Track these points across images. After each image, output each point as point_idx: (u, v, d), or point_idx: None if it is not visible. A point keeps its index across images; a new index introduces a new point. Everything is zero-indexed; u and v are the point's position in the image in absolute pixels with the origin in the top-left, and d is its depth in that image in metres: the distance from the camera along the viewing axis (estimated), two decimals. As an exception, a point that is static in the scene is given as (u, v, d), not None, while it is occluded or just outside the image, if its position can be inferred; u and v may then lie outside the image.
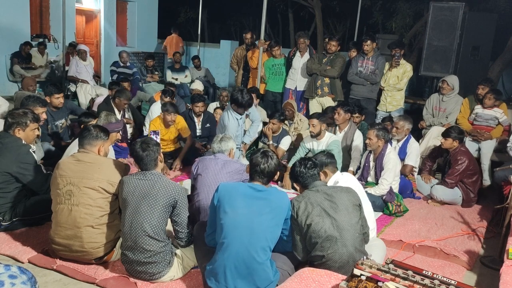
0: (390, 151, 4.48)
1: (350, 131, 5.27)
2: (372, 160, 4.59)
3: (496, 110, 5.45)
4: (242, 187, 2.67)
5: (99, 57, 11.48)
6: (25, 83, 6.22)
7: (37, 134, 3.69)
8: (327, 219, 2.67)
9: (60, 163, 3.06)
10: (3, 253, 3.10)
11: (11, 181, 3.38)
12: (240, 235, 2.50)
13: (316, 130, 4.90)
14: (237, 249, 2.48)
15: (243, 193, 2.62)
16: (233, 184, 2.75)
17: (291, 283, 2.28)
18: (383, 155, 4.44)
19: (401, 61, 6.17)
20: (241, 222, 2.52)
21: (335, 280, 2.20)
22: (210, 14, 16.86)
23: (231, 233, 2.51)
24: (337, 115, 5.22)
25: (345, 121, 5.28)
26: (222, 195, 2.62)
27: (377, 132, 4.40)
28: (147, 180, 2.83)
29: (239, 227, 2.51)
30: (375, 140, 4.41)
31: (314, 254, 2.66)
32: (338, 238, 2.62)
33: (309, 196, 2.78)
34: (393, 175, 4.39)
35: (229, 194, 2.62)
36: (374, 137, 4.41)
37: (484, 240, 3.96)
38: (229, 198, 2.60)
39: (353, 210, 2.77)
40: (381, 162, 4.44)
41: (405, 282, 1.95)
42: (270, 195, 2.65)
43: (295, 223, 2.74)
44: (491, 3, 9.16)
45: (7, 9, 8.92)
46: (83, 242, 2.88)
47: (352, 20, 13.49)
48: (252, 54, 7.13)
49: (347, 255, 2.59)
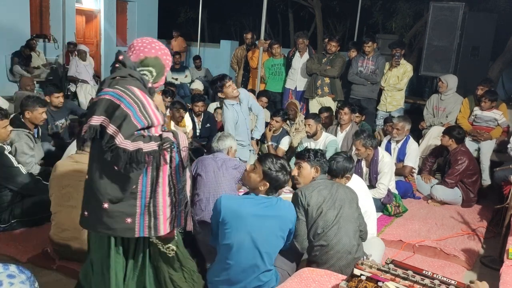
0: (383, 155, 4.41)
1: (352, 132, 5.26)
2: (365, 166, 4.53)
3: (495, 111, 5.44)
4: (248, 205, 2.48)
5: (99, 57, 11.47)
6: (23, 83, 6.21)
7: (9, 131, 3.53)
8: (335, 210, 2.74)
9: (57, 164, 3.04)
10: (3, 253, 3.10)
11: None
12: (246, 257, 2.42)
13: (312, 130, 4.89)
14: (242, 268, 2.44)
15: (251, 213, 2.44)
16: (237, 201, 2.52)
17: (291, 283, 2.28)
18: (376, 161, 4.37)
19: (401, 61, 6.16)
20: (247, 246, 2.42)
21: (335, 280, 2.20)
22: (210, 14, 16.84)
23: (235, 256, 2.43)
24: (343, 115, 5.21)
25: (349, 122, 5.28)
26: (226, 214, 2.43)
27: (363, 141, 4.30)
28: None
29: (245, 250, 2.42)
30: (363, 150, 4.35)
31: (318, 244, 2.70)
32: (342, 228, 2.70)
33: (319, 187, 2.81)
34: (389, 178, 4.37)
35: (236, 214, 2.42)
36: (361, 147, 4.33)
37: (484, 240, 3.96)
38: (236, 220, 2.42)
39: (353, 205, 2.84)
40: (376, 169, 4.38)
41: (405, 282, 1.95)
42: (280, 210, 2.54)
43: (303, 213, 2.76)
44: (491, 3, 9.15)
45: (7, 9, 8.91)
46: (82, 243, 2.88)
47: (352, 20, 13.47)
48: (253, 54, 7.13)
49: (349, 246, 2.67)
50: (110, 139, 1.87)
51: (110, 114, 1.89)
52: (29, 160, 3.90)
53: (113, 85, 1.96)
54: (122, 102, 1.91)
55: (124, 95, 1.92)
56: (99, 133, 1.90)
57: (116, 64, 2.04)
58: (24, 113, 4.18)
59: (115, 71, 2.04)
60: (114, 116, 1.89)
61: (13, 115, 4.24)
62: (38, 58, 9.20)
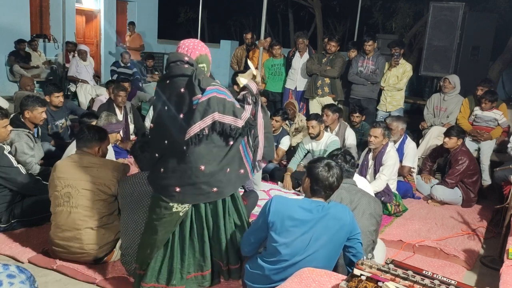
0: (391, 149, 4.47)
1: (341, 131, 5.30)
2: (371, 159, 4.58)
3: (495, 112, 5.43)
4: (296, 209, 2.34)
5: (99, 57, 11.48)
6: (22, 83, 6.21)
7: (9, 130, 3.53)
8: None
9: (57, 165, 3.04)
10: (3, 253, 3.10)
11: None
12: (299, 265, 2.32)
13: (316, 131, 4.90)
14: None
15: (298, 217, 2.31)
16: (286, 204, 2.37)
17: (291, 283, 2.27)
18: (383, 153, 4.43)
19: (400, 60, 6.16)
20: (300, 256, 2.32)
21: (335, 280, 2.20)
22: (210, 14, 16.85)
23: (289, 261, 2.33)
24: (325, 116, 5.23)
25: (334, 122, 5.32)
26: (274, 218, 2.32)
27: (384, 130, 4.40)
28: (146, 181, 2.83)
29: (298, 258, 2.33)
30: (381, 138, 4.40)
31: None
32: None
33: (341, 191, 2.71)
34: (391, 172, 4.38)
35: (282, 219, 2.31)
36: (380, 136, 4.39)
37: (484, 240, 3.96)
38: (281, 226, 2.30)
39: (370, 218, 2.74)
40: (381, 160, 4.43)
41: (405, 282, 1.95)
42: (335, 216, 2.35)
43: None
44: (491, 3, 9.15)
45: (7, 9, 8.92)
46: (82, 244, 2.88)
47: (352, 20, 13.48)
48: (253, 54, 7.13)
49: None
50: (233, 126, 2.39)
51: (222, 108, 2.36)
52: (29, 160, 3.90)
53: (207, 83, 2.38)
54: (225, 95, 2.41)
55: (222, 88, 2.42)
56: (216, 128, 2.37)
57: (185, 64, 2.43)
58: (23, 112, 4.18)
59: (180, 70, 2.42)
60: (226, 108, 2.38)
61: (13, 115, 4.24)
62: (38, 58, 9.21)
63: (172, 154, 2.48)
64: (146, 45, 12.17)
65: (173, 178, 2.46)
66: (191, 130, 2.35)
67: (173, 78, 2.45)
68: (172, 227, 2.52)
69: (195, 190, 2.45)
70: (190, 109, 2.39)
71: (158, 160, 2.55)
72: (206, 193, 2.47)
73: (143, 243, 2.61)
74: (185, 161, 2.42)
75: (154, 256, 2.55)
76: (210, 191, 2.48)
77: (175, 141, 2.44)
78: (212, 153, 2.44)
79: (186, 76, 2.41)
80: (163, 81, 2.55)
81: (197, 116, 2.34)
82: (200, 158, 2.42)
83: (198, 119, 2.34)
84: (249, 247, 2.51)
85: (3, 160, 3.34)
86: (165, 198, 2.49)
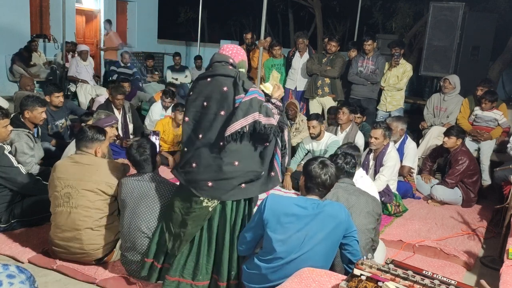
0: (392, 149, 4.48)
1: (352, 132, 5.26)
2: (372, 159, 4.58)
3: (495, 112, 5.43)
4: (291, 206, 2.37)
5: (99, 57, 11.48)
6: (22, 83, 6.21)
7: (9, 130, 3.54)
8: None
9: (57, 165, 3.03)
10: (3, 253, 3.10)
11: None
12: (295, 264, 2.33)
13: (317, 131, 4.90)
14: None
15: (293, 214, 2.34)
16: (282, 201, 2.42)
17: (291, 283, 2.27)
18: (383, 154, 4.44)
19: (400, 60, 6.16)
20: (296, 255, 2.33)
21: (335, 280, 2.20)
22: (210, 14, 16.84)
23: (284, 258, 2.34)
24: (341, 114, 5.22)
25: (348, 121, 5.28)
26: (269, 215, 2.35)
27: (384, 131, 4.41)
28: (145, 182, 2.83)
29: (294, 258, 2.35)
30: (381, 139, 4.41)
31: None
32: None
33: (336, 190, 2.75)
34: (391, 173, 4.39)
35: (277, 216, 2.34)
36: (381, 137, 4.40)
37: (484, 240, 3.96)
38: (276, 223, 2.33)
39: (368, 216, 2.75)
40: (381, 161, 4.43)
41: (405, 282, 1.95)
42: (329, 215, 2.36)
43: None
44: (491, 3, 9.15)
45: (7, 9, 8.91)
46: (82, 244, 2.88)
47: (352, 20, 13.47)
48: (253, 54, 7.13)
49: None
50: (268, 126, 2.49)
51: (262, 109, 2.49)
52: (29, 160, 3.90)
53: (249, 85, 2.54)
54: (264, 98, 2.59)
55: (261, 91, 2.61)
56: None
57: (230, 66, 2.63)
58: (23, 112, 4.17)
59: (224, 70, 2.59)
60: (264, 109, 2.50)
61: (13, 115, 4.22)
62: (39, 58, 9.20)
63: (207, 149, 2.55)
64: (146, 45, 12.17)
65: (206, 173, 2.53)
66: (232, 127, 2.45)
67: (216, 76, 2.57)
68: (202, 221, 2.58)
69: (226, 185, 2.53)
70: (232, 107, 2.51)
71: (191, 155, 2.60)
72: (235, 189, 2.54)
73: (170, 237, 2.66)
74: (220, 156, 2.51)
75: (182, 249, 2.61)
76: (240, 187, 2.55)
77: (211, 136, 2.53)
78: (248, 151, 2.55)
79: (230, 77, 2.55)
80: (204, 78, 2.64)
81: (239, 114, 2.45)
82: (236, 154, 2.51)
83: (240, 117, 2.45)
84: (245, 245, 2.53)
85: (3, 160, 3.34)
86: (197, 193, 2.54)
